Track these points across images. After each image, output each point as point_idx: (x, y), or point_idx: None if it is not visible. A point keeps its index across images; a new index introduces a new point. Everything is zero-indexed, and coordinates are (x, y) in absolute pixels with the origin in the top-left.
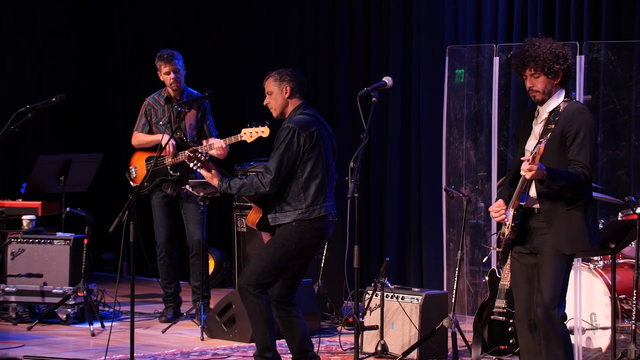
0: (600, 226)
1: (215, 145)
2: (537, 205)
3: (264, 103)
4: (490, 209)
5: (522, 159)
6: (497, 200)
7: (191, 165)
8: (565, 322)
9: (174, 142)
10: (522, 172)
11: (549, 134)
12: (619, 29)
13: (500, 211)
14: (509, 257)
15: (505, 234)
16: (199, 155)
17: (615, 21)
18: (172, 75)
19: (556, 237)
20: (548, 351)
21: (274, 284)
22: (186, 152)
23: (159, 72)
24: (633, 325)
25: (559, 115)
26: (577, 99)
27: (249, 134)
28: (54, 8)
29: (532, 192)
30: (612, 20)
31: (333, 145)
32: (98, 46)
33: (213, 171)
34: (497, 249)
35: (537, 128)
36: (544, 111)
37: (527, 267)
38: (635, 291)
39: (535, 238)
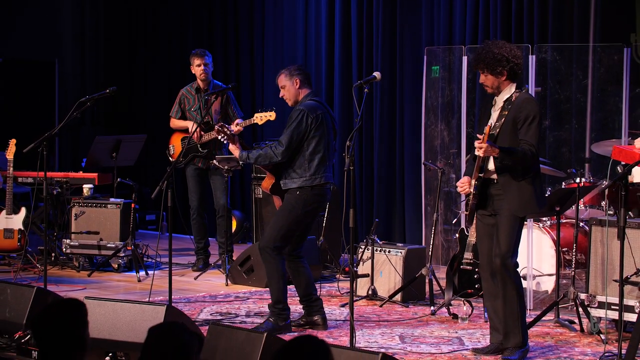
0: (548, 193)
1: (234, 123)
2: (495, 176)
3: (280, 96)
4: (457, 183)
5: (478, 135)
6: (464, 175)
7: (219, 137)
8: (518, 269)
9: (199, 128)
10: (476, 150)
11: (503, 119)
12: (561, 34)
13: (464, 186)
14: (475, 218)
15: (470, 200)
16: (226, 130)
17: (559, 28)
18: (202, 67)
19: (510, 203)
20: (505, 293)
21: (287, 246)
22: (216, 126)
23: (191, 65)
24: (573, 272)
25: (512, 104)
26: (530, 91)
27: (260, 118)
28: (111, 15)
29: (491, 165)
30: (557, 27)
31: (334, 127)
32: (146, 46)
33: (237, 144)
34: (465, 212)
35: (495, 114)
36: (500, 100)
37: (488, 227)
38: (574, 245)
39: (494, 202)
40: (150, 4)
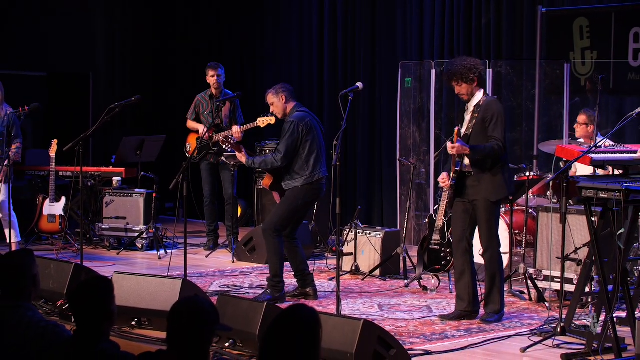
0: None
1: (234, 130)
2: (469, 169)
3: (271, 111)
4: (439, 179)
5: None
6: (443, 171)
7: (224, 147)
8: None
9: (211, 129)
10: (448, 150)
11: (474, 120)
12: (514, 51)
13: (445, 181)
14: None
15: (449, 192)
16: (230, 140)
17: (512, 46)
18: (215, 78)
19: (484, 190)
20: (491, 270)
21: (287, 229)
22: (220, 137)
23: (207, 76)
24: (523, 251)
25: (480, 107)
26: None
27: (262, 121)
28: (137, 35)
29: (467, 160)
30: (509, 45)
31: (322, 129)
32: (166, 59)
33: (243, 152)
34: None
35: (467, 117)
36: (471, 105)
37: (464, 211)
38: (525, 228)
39: (470, 191)
40: (169, 27)
